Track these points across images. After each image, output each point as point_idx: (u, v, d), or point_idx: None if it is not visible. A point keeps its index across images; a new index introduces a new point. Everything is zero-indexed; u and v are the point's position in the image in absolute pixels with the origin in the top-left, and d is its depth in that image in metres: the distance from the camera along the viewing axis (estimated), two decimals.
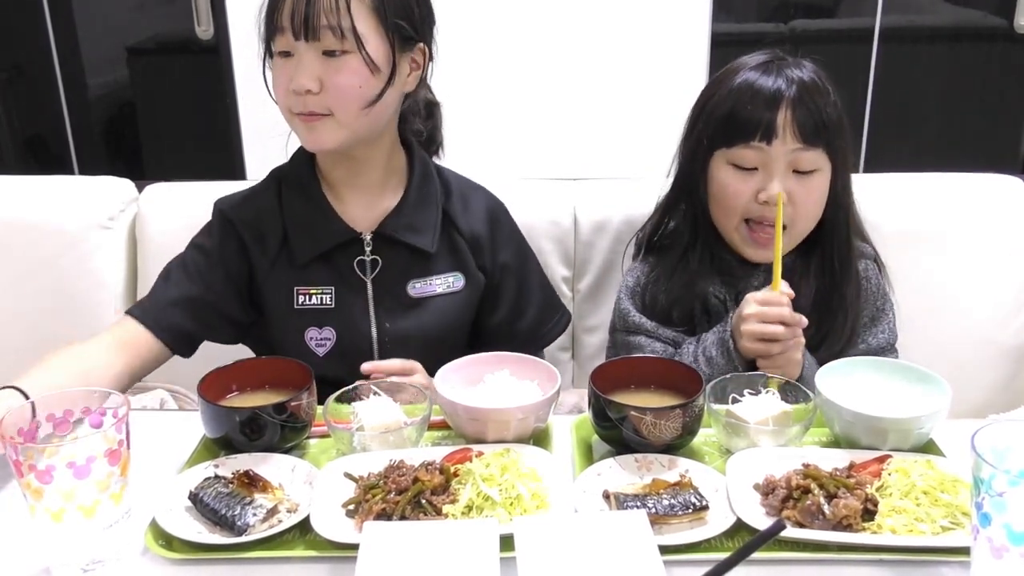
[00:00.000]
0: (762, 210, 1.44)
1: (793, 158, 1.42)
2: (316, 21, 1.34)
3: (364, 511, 1.05)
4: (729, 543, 1.03)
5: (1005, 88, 2.91)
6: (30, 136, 3.15)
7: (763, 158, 1.43)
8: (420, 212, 1.53)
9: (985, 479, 0.86)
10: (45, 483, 0.94)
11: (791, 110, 1.41)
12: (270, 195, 1.54)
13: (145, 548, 1.04)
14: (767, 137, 1.41)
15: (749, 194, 1.45)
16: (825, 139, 1.42)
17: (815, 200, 1.46)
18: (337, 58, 1.37)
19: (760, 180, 1.44)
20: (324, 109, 1.39)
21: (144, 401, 1.77)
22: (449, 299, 1.53)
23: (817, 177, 1.45)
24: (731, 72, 1.48)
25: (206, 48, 2.85)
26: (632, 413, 1.16)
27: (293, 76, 1.37)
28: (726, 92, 1.46)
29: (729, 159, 1.46)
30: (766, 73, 1.44)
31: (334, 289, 1.49)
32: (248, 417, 1.18)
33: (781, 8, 2.88)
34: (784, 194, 1.42)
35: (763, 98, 1.42)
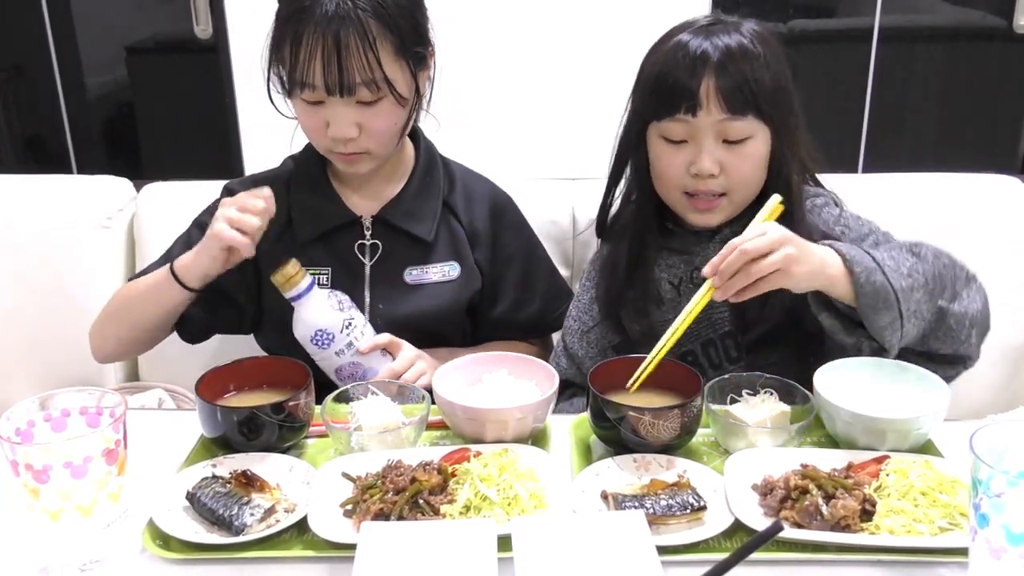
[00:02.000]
0: (696, 183, 1.39)
1: (721, 128, 1.36)
2: (351, 79, 1.36)
3: (362, 511, 1.05)
4: (727, 543, 1.03)
5: (1004, 88, 2.91)
6: (29, 136, 3.15)
7: (690, 130, 1.37)
8: (421, 201, 1.56)
9: (983, 480, 0.86)
10: (42, 483, 0.94)
11: (714, 79, 1.34)
12: (279, 182, 1.56)
13: (142, 548, 1.04)
14: (691, 109, 1.35)
15: (681, 167, 1.39)
16: (755, 106, 1.35)
17: (749, 167, 1.39)
18: (372, 106, 1.40)
19: (690, 152, 1.38)
20: (363, 149, 1.44)
21: (142, 401, 1.77)
22: (443, 286, 1.56)
23: (751, 144, 1.38)
24: (662, 40, 1.43)
25: (205, 48, 2.84)
26: (630, 413, 1.16)
27: (330, 124, 1.41)
28: (654, 63, 1.41)
29: (660, 132, 1.40)
30: (693, 40, 1.37)
31: (331, 270, 1.52)
32: (246, 417, 1.18)
33: (780, 8, 2.88)
34: (716, 165, 1.36)
35: (685, 69, 1.35)
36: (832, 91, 2.92)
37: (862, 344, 1.28)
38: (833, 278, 1.23)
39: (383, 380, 1.34)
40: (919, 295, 1.24)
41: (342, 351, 1.42)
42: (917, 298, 1.24)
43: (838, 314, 1.29)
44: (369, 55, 1.36)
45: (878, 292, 1.21)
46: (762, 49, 1.37)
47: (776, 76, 1.38)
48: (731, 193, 1.40)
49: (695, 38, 1.37)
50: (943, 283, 1.28)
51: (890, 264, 1.24)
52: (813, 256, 1.22)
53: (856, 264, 1.22)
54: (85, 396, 1.03)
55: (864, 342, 1.28)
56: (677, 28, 1.42)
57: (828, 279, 1.23)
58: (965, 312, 1.30)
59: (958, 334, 1.30)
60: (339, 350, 1.42)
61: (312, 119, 1.43)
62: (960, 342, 1.31)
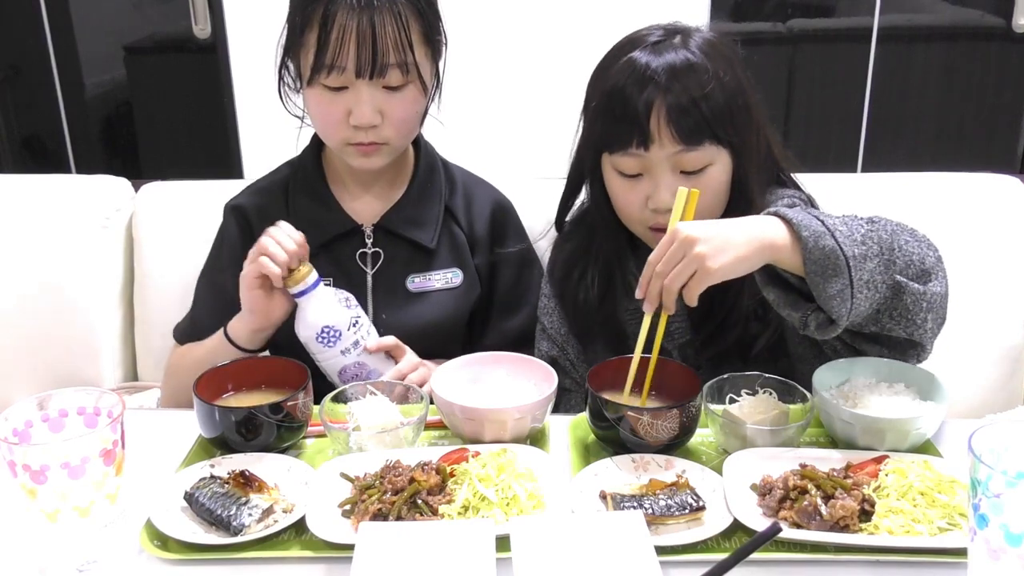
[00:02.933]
0: (657, 217, 1.33)
1: (676, 160, 1.30)
2: (384, 60, 1.35)
3: (360, 511, 1.05)
4: (726, 544, 1.03)
5: (1003, 88, 2.91)
6: (27, 135, 3.14)
7: (645, 163, 1.31)
8: (422, 207, 1.54)
9: (982, 480, 0.86)
10: (40, 483, 0.94)
11: (664, 110, 1.27)
12: (277, 190, 1.55)
13: (140, 548, 1.04)
14: (643, 143, 1.29)
15: (639, 202, 1.34)
16: (711, 133, 1.29)
17: (711, 197, 1.33)
18: (398, 91, 1.39)
19: (647, 186, 1.32)
20: (382, 139, 1.42)
21: (140, 401, 1.77)
22: (446, 294, 1.54)
23: (711, 171, 1.32)
24: (612, 59, 1.35)
25: (203, 47, 2.84)
26: (629, 413, 1.15)
27: (353, 110, 1.38)
28: (603, 89, 1.33)
29: (613, 164, 1.35)
30: (641, 61, 1.29)
31: (332, 280, 1.50)
32: (244, 417, 1.18)
33: (779, 7, 2.88)
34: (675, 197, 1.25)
35: (633, 101, 1.28)
36: (831, 91, 2.92)
37: (808, 318, 1.18)
38: (777, 248, 1.13)
39: (383, 380, 1.34)
40: (872, 264, 1.14)
41: (348, 350, 1.41)
42: (871, 267, 1.13)
43: (785, 286, 1.20)
44: (402, 37, 1.35)
45: (827, 257, 1.12)
46: (713, 64, 1.30)
47: (731, 93, 1.31)
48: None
49: (642, 58, 1.30)
50: (903, 257, 1.18)
51: (842, 229, 1.14)
52: (736, 239, 1.12)
53: (803, 228, 1.12)
54: (83, 396, 1.03)
55: (811, 315, 1.17)
56: (625, 45, 1.35)
57: (772, 251, 1.13)
58: (924, 292, 1.18)
59: (914, 315, 1.19)
60: (345, 348, 1.40)
61: (332, 107, 1.40)
62: (915, 325, 1.20)
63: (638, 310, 1.37)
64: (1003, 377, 1.83)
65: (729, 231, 1.13)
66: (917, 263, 1.20)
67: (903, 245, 1.19)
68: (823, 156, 3.00)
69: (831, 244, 1.12)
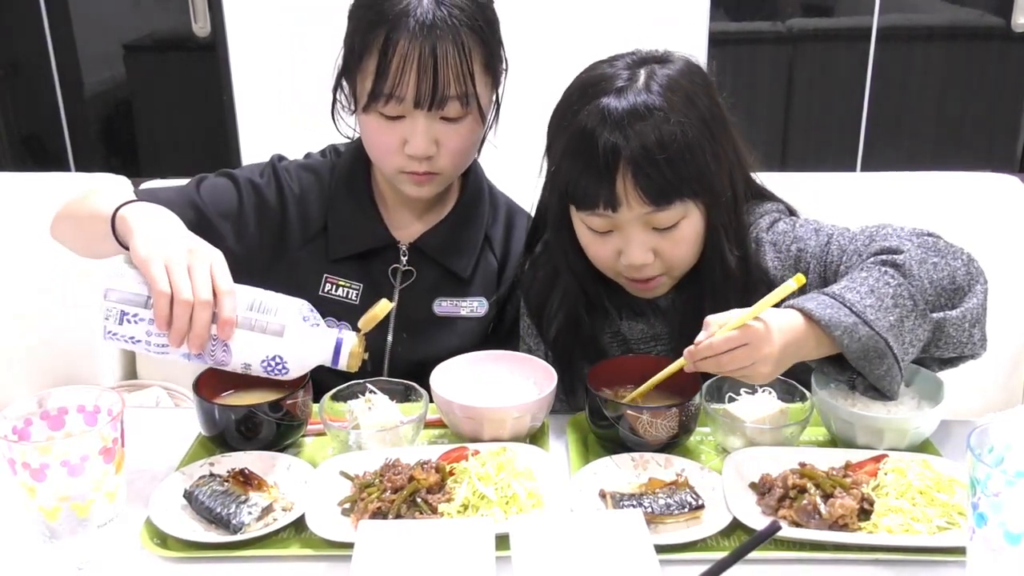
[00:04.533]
0: (630, 271, 1.28)
1: (647, 219, 1.24)
2: (445, 92, 1.30)
3: (360, 510, 1.05)
4: (725, 542, 1.03)
5: (1002, 87, 2.92)
6: (26, 134, 3.15)
7: (614, 222, 1.25)
8: (463, 232, 1.49)
9: (981, 479, 0.86)
10: (39, 481, 0.94)
11: (631, 175, 1.19)
12: (323, 178, 1.49)
13: (140, 546, 1.04)
14: (611, 206, 1.22)
15: (611, 256, 1.28)
16: (677, 191, 1.22)
17: (684, 250, 1.27)
18: (455, 122, 1.35)
19: (618, 242, 1.26)
20: (437, 169, 1.38)
21: (140, 399, 1.77)
22: (470, 323, 1.49)
23: (683, 225, 1.25)
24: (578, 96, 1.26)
25: (203, 45, 2.84)
26: (628, 412, 1.15)
27: (409, 141, 1.33)
28: (566, 139, 1.25)
29: (582, 219, 1.28)
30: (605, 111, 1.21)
31: (362, 288, 1.46)
32: (244, 415, 1.18)
33: (779, 7, 2.89)
34: (649, 252, 1.25)
35: (597, 162, 1.20)
36: (830, 90, 2.92)
37: (856, 382, 1.18)
38: (813, 348, 1.12)
39: (382, 380, 1.32)
40: (910, 322, 1.11)
41: None
42: (909, 327, 1.11)
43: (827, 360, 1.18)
44: (464, 68, 1.30)
45: (866, 346, 1.11)
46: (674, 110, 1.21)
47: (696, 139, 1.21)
48: (670, 271, 1.30)
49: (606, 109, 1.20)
50: (934, 290, 1.15)
51: (870, 304, 1.10)
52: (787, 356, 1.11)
53: (834, 327, 1.09)
54: (83, 394, 1.03)
55: (857, 379, 1.17)
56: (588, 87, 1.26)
57: (808, 351, 1.12)
58: (964, 315, 1.16)
59: (959, 338, 1.17)
60: None
61: (387, 136, 1.35)
62: (964, 344, 1.17)
63: (618, 333, 1.40)
64: (1003, 377, 1.83)
65: (785, 347, 1.10)
66: (949, 287, 1.17)
67: (932, 276, 1.15)
68: (823, 156, 3.00)
69: (867, 332, 1.09)
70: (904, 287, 1.12)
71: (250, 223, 1.45)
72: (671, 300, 1.37)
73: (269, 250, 1.46)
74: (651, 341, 1.39)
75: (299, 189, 1.48)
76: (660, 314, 1.38)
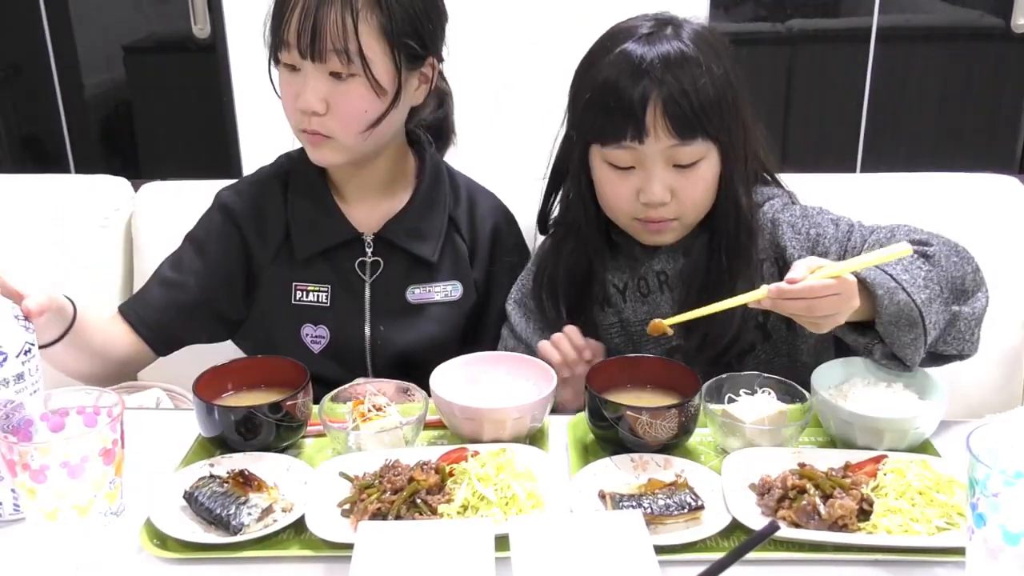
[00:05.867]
0: (647, 210, 1.33)
1: (670, 154, 1.30)
2: (323, 44, 1.32)
3: (359, 511, 1.05)
4: (725, 543, 1.03)
5: (1002, 88, 2.91)
6: (26, 135, 3.15)
7: (638, 156, 1.30)
8: (426, 217, 1.51)
9: (980, 479, 0.86)
10: (39, 482, 0.94)
11: (660, 103, 1.26)
12: (275, 186, 1.52)
13: (140, 547, 1.04)
14: (638, 136, 1.28)
15: (629, 195, 1.33)
16: (703, 128, 1.29)
17: (702, 191, 1.34)
18: (343, 81, 1.35)
19: (639, 179, 1.32)
20: (326, 131, 1.38)
21: (140, 400, 1.76)
22: (446, 307, 1.51)
23: (702, 166, 1.32)
24: (603, 49, 1.34)
25: (203, 47, 2.84)
26: (628, 413, 1.15)
27: (299, 94, 1.36)
28: (595, 79, 1.32)
29: (604, 157, 1.33)
30: (635, 52, 1.29)
31: (331, 288, 1.48)
32: (243, 416, 1.18)
33: (779, 7, 2.89)
34: (667, 191, 1.31)
35: (629, 92, 1.27)
36: (830, 91, 2.92)
37: (873, 347, 1.23)
38: (853, 307, 1.16)
39: (382, 380, 1.33)
40: (936, 305, 1.19)
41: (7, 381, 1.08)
42: (936, 308, 1.19)
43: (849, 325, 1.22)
44: (347, 21, 1.31)
45: (901, 311, 1.16)
46: (705, 58, 1.30)
47: (721, 88, 1.30)
48: (683, 217, 1.35)
49: (636, 50, 1.29)
50: (956, 287, 1.23)
51: (906, 278, 1.17)
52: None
53: (878, 287, 1.16)
54: (83, 396, 1.03)
55: (875, 345, 1.22)
56: (616, 35, 1.34)
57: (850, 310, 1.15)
58: (973, 312, 1.25)
59: (965, 334, 1.25)
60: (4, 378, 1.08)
61: (287, 88, 1.38)
62: (966, 342, 1.26)
63: (613, 325, 1.44)
64: (1002, 377, 1.83)
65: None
66: (961, 287, 1.25)
67: (953, 273, 1.23)
68: (822, 156, 3.00)
69: (904, 298, 1.16)
70: (934, 274, 1.20)
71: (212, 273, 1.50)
72: (679, 271, 1.41)
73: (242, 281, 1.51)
74: None
75: (251, 206, 1.51)
76: (667, 288, 1.41)
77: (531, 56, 2.39)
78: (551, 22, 2.40)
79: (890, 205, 1.84)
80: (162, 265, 1.54)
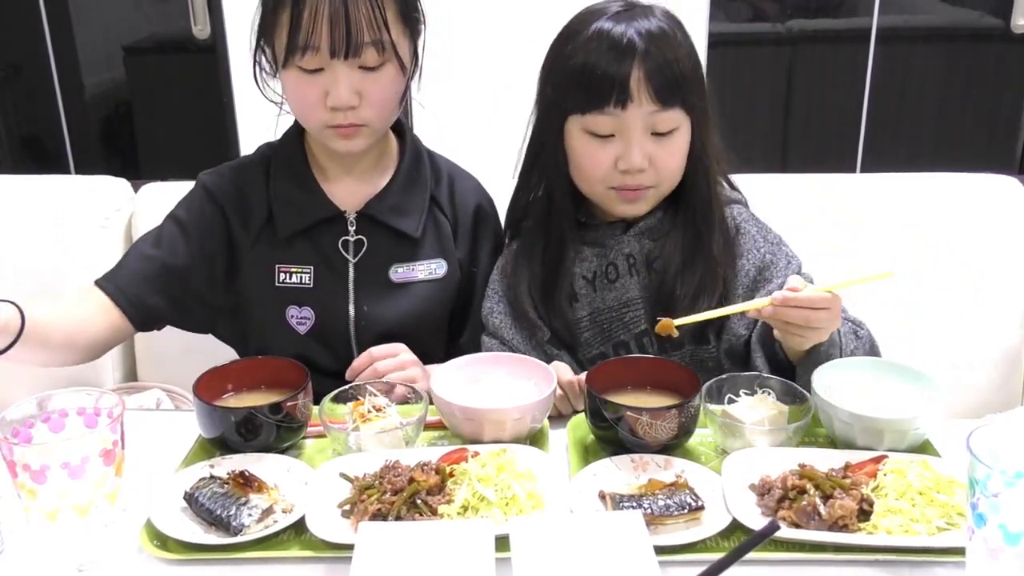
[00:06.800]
0: (623, 178, 1.36)
1: (650, 121, 1.34)
2: (358, 40, 1.32)
3: (360, 511, 1.05)
4: (725, 543, 1.03)
5: (1002, 88, 2.92)
6: (26, 135, 3.15)
7: (619, 124, 1.34)
8: (407, 195, 1.51)
9: (980, 480, 0.86)
10: (40, 483, 0.94)
11: (644, 70, 1.31)
12: (257, 170, 1.51)
13: (140, 548, 1.04)
14: (621, 102, 1.32)
15: (608, 162, 1.36)
16: (681, 97, 1.34)
17: (677, 160, 1.38)
18: (375, 70, 1.36)
19: (618, 147, 1.35)
20: (362, 121, 1.39)
21: (140, 401, 1.77)
22: (430, 285, 1.51)
23: (677, 136, 1.36)
24: (579, 27, 1.38)
25: (203, 47, 2.85)
26: (628, 413, 1.15)
27: (330, 92, 1.35)
28: (574, 52, 1.35)
29: (583, 126, 1.36)
30: (615, 27, 1.33)
31: (313, 268, 1.48)
32: (244, 417, 1.18)
33: (779, 8, 2.89)
34: (646, 159, 1.35)
35: (613, 60, 1.32)
36: (830, 91, 2.92)
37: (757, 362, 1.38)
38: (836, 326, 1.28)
39: (380, 381, 1.33)
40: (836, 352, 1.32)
41: None
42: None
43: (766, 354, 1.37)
44: (376, 14, 1.32)
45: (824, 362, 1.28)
46: (679, 34, 1.37)
47: (695, 63, 1.37)
48: (658, 186, 1.39)
49: (616, 25, 1.34)
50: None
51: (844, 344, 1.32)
52: None
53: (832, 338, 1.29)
54: (83, 396, 1.03)
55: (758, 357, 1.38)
56: (589, 14, 1.38)
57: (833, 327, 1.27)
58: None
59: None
60: None
61: (308, 89, 1.36)
62: None
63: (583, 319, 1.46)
64: (1002, 377, 1.83)
65: None
66: None
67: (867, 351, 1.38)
68: (822, 156, 3.00)
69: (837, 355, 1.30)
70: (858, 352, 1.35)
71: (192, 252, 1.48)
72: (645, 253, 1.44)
73: (223, 262, 1.49)
74: (624, 308, 1.44)
75: (233, 188, 1.50)
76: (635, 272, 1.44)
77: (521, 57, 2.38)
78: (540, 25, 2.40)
79: (890, 205, 1.85)
80: (140, 241, 1.52)
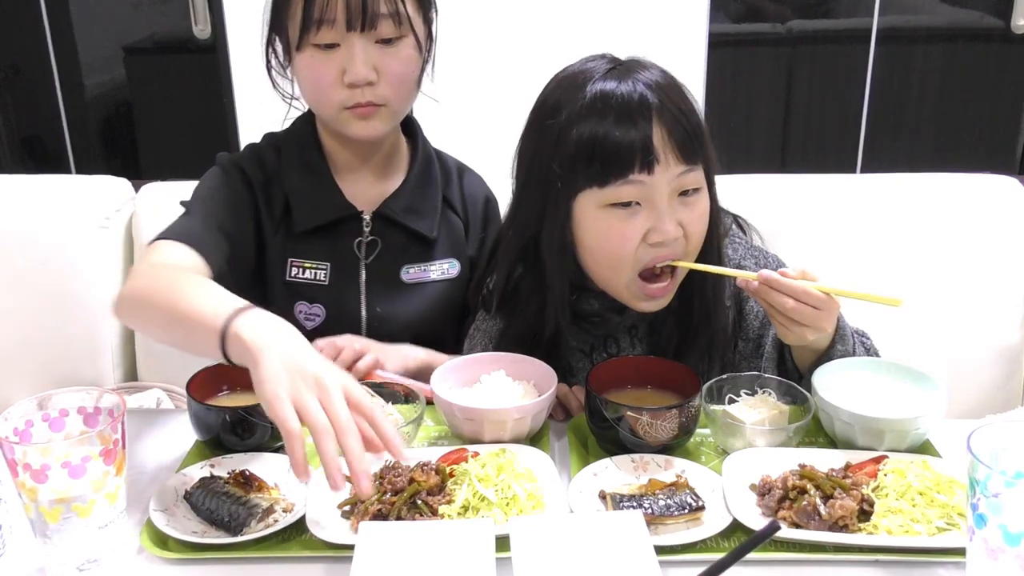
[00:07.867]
0: (654, 252, 1.23)
1: (677, 183, 1.21)
2: (375, 9, 1.31)
3: (360, 511, 1.05)
4: (725, 544, 1.03)
5: (1002, 89, 2.92)
6: (27, 135, 3.15)
7: (645, 192, 1.20)
8: (421, 195, 1.51)
9: (981, 480, 0.86)
10: (40, 482, 0.94)
11: (664, 127, 1.18)
12: (275, 159, 1.49)
13: (140, 548, 1.04)
14: (647, 166, 1.18)
15: (636, 238, 1.21)
16: (702, 151, 1.22)
17: (704, 221, 1.26)
18: (392, 45, 1.35)
19: (647, 218, 1.21)
20: (380, 100, 1.37)
21: (141, 401, 1.77)
22: (442, 285, 1.51)
23: (702, 197, 1.25)
24: (569, 94, 1.22)
25: (203, 47, 2.85)
26: (628, 413, 1.16)
27: (347, 68, 1.33)
28: (574, 122, 1.20)
29: (602, 201, 1.21)
30: (619, 84, 1.20)
31: (329, 266, 1.46)
32: (237, 417, 1.17)
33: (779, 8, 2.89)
34: (679, 226, 1.22)
35: (629, 120, 1.18)
36: (830, 92, 2.92)
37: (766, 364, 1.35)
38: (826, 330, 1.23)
39: (381, 380, 1.33)
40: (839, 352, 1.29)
41: None
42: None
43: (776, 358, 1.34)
44: None
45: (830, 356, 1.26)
46: (678, 81, 1.25)
47: (700, 112, 1.25)
48: (687, 256, 1.26)
49: (619, 83, 1.20)
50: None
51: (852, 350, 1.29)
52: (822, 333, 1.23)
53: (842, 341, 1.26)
54: (83, 396, 1.03)
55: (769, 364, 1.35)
56: (577, 77, 1.24)
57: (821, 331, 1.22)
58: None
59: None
60: None
61: (324, 68, 1.34)
62: None
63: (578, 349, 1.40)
64: (1002, 377, 1.83)
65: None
66: None
67: None
68: (823, 157, 3.00)
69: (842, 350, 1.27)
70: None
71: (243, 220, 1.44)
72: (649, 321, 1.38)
73: (254, 243, 1.46)
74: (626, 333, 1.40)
75: (261, 174, 1.47)
76: (638, 342, 1.40)
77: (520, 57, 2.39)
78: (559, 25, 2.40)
79: (890, 205, 1.85)
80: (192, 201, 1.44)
